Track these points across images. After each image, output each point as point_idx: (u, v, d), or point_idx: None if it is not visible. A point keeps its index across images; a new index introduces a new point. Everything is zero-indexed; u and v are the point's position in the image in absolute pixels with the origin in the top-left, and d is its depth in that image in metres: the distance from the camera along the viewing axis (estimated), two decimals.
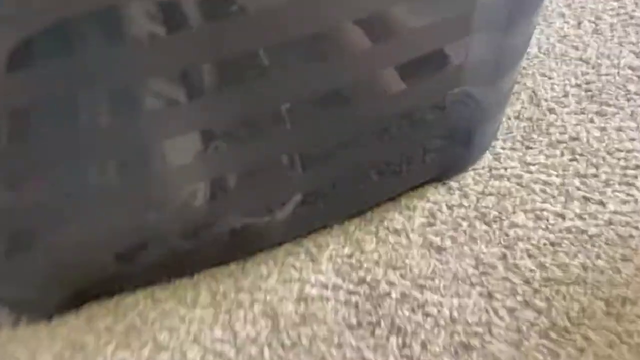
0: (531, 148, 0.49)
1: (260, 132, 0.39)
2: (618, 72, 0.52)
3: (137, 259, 0.44)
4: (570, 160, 0.47)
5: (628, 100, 0.50)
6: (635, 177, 0.45)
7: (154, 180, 0.39)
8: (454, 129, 0.45)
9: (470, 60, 0.40)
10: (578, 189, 0.46)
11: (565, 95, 0.52)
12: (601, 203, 0.45)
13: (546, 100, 0.52)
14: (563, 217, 0.44)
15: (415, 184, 0.48)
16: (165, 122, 0.36)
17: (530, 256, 0.43)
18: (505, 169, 0.48)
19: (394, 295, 0.43)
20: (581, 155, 0.48)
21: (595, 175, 0.46)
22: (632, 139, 0.48)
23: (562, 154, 0.48)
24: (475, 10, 0.37)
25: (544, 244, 0.43)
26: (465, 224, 0.45)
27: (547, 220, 0.44)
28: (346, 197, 0.46)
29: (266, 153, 0.41)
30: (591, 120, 0.50)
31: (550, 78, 0.53)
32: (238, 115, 0.38)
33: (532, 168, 0.48)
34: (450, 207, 0.47)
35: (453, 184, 0.48)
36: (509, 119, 0.51)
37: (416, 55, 0.38)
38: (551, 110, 0.51)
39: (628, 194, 0.45)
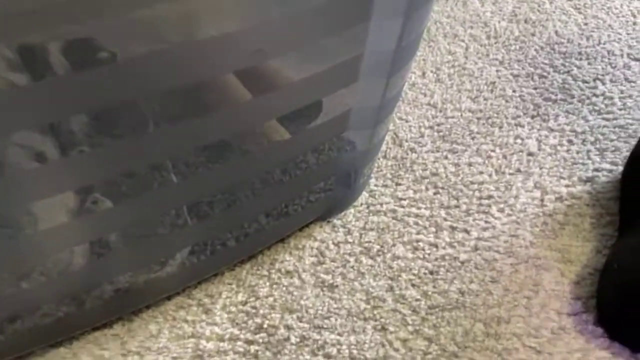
0: (400, 184, 0.45)
1: (144, 186, 0.30)
2: (461, 115, 0.51)
3: (6, 331, 0.31)
4: (435, 193, 0.44)
5: (473, 139, 0.49)
6: (489, 205, 0.43)
7: (23, 246, 0.29)
8: (337, 172, 0.39)
9: (356, 106, 0.34)
10: (445, 219, 0.43)
11: (422, 135, 0.49)
12: (466, 231, 0.42)
13: (406, 140, 0.49)
14: (436, 246, 0.41)
15: (302, 225, 0.41)
16: (34, 180, 0.27)
17: (414, 286, 0.38)
18: (381, 204, 0.43)
19: (293, 339, 0.35)
20: (442, 188, 0.45)
21: (457, 206, 0.43)
22: (481, 172, 0.46)
23: (427, 189, 0.45)
24: (363, 58, 0.31)
25: (424, 273, 0.39)
26: (352, 259, 0.40)
27: (424, 250, 0.41)
28: (236, 243, 0.38)
29: (151, 208, 0.32)
30: (446, 157, 0.47)
31: (407, 121, 0.51)
32: (117, 170, 0.29)
33: (404, 202, 0.44)
34: (336, 244, 0.41)
35: (337, 221, 0.42)
36: (378, 158, 0.47)
37: (302, 105, 0.33)
38: (412, 150, 0.48)
39: (486, 222, 0.42)
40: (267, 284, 0.38)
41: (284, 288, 0.38)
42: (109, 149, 0.28)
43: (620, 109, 0.51)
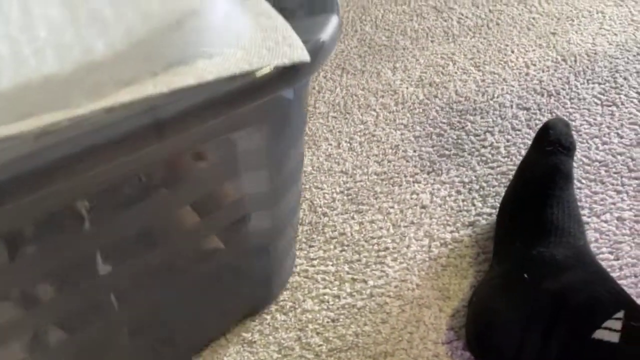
0: (313, 246, 0.54)
1: (91, 317, 0.38)
2: (368, 178, 0.60)
3: None
4: (341, 251, 0.53)
5: (376, 198, 0.58)
6: (385, 256, 0.52)
7: None
8: (258, 274, 0.46)
9: (251, 224, 0.42)
10: (347, 272, 0.51)
11: (334, 201, 0.58)
12: (364, 281, 0.50)
13: (320, 206, 0.58)
14: (339, 297, 0.50)
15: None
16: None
17: (318, 334, 0.47)
18: (296, 266, 0.52)
19: None
20: (348, 246, 0.54)
21: (358, 260, 0.52)
22: (381, 228, 0.55)
23: (335, 247, 0.54)
24: (245, 199, 0.40)
25: (327, 322, 0.48)
26: (269, 317, 0.49)
27: (328, 302, 0.49)
28: (182, 341, 0.45)
29: (98, 334, 0.39)
30: (352, 218, 0.56)
31: (322, 189, 0.60)
32: (71, 308, 0.36)
33: (315, 262, 0.53)
34: None
35: None
36: None
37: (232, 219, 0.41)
38: (324, 214, 0.57)
39: (382, 271, 0.51)
40: None
41: (212, 348, 0.47)
42: (66, 293, 0.35)
43: (505, 157, 0.60)
